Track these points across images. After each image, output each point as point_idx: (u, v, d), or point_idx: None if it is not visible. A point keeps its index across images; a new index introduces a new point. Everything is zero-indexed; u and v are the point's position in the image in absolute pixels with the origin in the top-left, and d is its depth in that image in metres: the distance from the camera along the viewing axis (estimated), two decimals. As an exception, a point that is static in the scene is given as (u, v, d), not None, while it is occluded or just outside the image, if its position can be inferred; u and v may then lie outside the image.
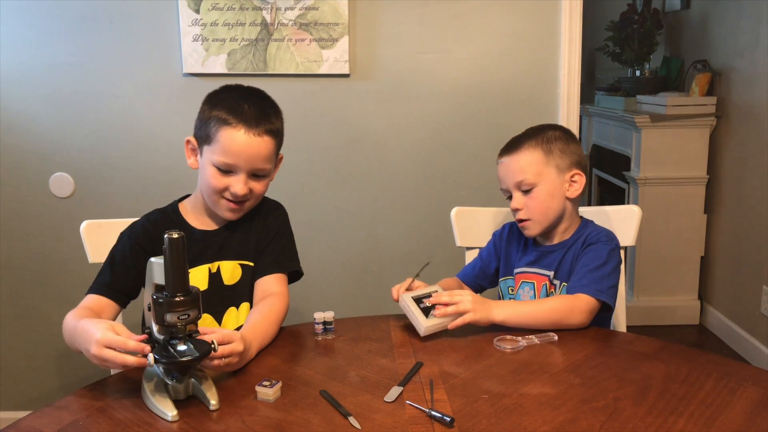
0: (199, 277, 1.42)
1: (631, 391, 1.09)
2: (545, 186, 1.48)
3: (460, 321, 1.32)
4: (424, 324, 1.32)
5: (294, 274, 1.52)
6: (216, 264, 1.45)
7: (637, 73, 3.82)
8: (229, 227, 1.48)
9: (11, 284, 2.38)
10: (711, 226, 3.39)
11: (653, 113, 3.31)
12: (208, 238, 1.47)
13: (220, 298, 1.44)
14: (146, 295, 1.13)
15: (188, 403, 1.08)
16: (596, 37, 3.96)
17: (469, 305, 1.32)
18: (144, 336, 1.13)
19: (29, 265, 2.36)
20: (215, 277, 1.45)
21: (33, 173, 2.32)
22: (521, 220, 1.51)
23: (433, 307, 1.35)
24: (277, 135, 1.43)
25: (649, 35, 3.68)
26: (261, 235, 1.49)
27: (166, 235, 1.02)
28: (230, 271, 1.46)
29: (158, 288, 1.07)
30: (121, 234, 1.46)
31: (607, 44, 3.82)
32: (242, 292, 1.48)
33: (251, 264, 1.48)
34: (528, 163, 1.49)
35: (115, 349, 1.07)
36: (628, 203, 3.46)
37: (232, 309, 1.47)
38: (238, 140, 1.35)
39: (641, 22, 3.66)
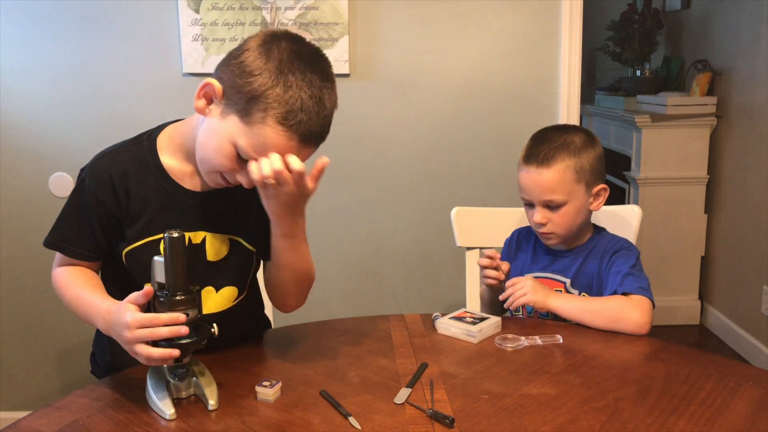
0: None
1: (631, 392, 1.09)
2: (574, 204, 1.45)
3: (513, 301, 1.34)
4: (474, 329, 1.30)
5: None
6: (200, 234, 1.21)
7: (638, 73, 3.81)
8: (224, 191, 1.19)
9: (11, 284, 2.38)
10: (711, 226, 3.39)
11: (653, 113, 3.31)
12: (195, 201, 1.21)
13: (197, 275, 1.14)
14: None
15: (189, 402, 1.08)
16: (596, 37, 3.95)
17: (528, 288, 1.36)
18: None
19: (29, 265, 2.36)
20: (197, 250, 1.20)
21: (33, 173, 2.31)
22: (543, 232, 1.49)
23: (479, 319, 1.32)
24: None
25: (649, 35, 3.68)
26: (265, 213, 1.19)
27: (166, 235, 1.02)
28: (217, 245, 1.23)
29: (160, 286, 1.07)
30: (82, 180, 1.22)
31: (607, 44, 3.82)
32: (227, 273, 1.25)
33: (248, 247, 1.26)
34: (560, 181, 1.42)
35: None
36: (628, 203, 3.45)
37: (210, 290, 1.25)
38: (284, 147, 1.07)
39: (641, 22, 3.66)
